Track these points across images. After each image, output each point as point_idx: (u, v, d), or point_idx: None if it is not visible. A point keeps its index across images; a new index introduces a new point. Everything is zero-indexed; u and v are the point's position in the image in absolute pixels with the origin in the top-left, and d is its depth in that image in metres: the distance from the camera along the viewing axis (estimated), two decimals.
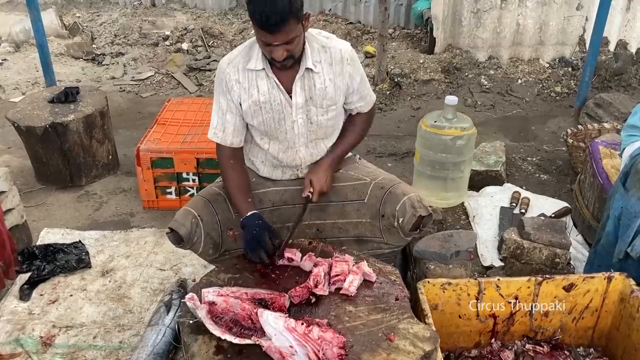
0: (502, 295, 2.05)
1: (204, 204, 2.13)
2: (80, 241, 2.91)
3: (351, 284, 1.84)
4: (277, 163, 2.19)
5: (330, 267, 1.91)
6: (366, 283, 1.89)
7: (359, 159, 2.38)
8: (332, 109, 2.11)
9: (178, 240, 2.07)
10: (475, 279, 2.05)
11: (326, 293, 1.83)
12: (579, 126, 3.71)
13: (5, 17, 6.37)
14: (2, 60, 5.55)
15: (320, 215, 2.22)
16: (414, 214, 2.04)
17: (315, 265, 1.91)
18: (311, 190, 2.12)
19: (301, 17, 1.87)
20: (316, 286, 1.82)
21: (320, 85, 2.05)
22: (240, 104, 2.07)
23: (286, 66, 1.96)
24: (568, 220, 2.99)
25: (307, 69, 2.02)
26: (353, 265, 1.92)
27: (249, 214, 2.02)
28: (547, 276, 2.04)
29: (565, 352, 2.09)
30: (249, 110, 2.06)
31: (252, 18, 1.84)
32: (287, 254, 1.97)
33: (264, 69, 2.01)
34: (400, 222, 2.07)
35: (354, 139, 2.26)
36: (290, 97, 2.05)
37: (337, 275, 1.86)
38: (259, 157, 2.23)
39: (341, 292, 1.84)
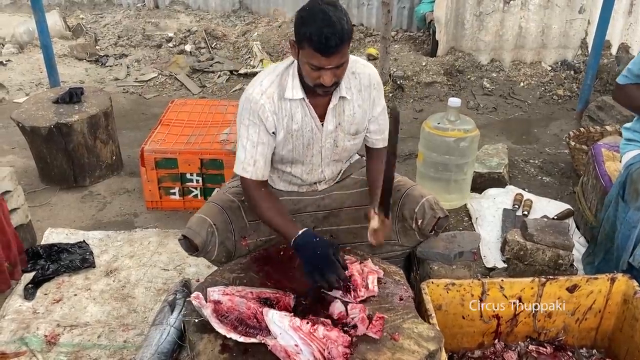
0: (505, 296, 2.05)
1: (219, 212, 2.10)
2: (84, 241, 2.92)
3: (374, 284, 1.86)
4: (296, 181, 2.18)
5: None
6: None
7: None
8: (359, 133, 2.11)
9: (192, 248, 2.03)
10: (479, 280, 2.05)
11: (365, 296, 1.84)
12: (581, 129, 3.70)
13: (9, 18, 6.39)
14: (6, 61, 5.56)
15: (334, 221, 2.23)
16: (434, 215, 2.07)
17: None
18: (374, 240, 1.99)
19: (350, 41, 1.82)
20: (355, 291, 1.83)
21: (350, 112, 2.04)
22: (274, 134, 2.00)
23: (329, 92, 1.90)
24: (570, 222, 3.00)
25: (341, 97, 1.99)
26: (359, 264, 1.93)
27: (300, 232, 1.87)
28: (550, 277, 2.05)
29: (568, 353, 2.10)
30: (282, 140, 2.01)
31: (307, 41, 1.74)
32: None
33: (303, 98, 1.96)
34: (419, 223, 2.09)
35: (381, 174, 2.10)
36: (322, 123, 2.03)
37: (351, 276, 1.87)
38: (275, 174, 2.18)
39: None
